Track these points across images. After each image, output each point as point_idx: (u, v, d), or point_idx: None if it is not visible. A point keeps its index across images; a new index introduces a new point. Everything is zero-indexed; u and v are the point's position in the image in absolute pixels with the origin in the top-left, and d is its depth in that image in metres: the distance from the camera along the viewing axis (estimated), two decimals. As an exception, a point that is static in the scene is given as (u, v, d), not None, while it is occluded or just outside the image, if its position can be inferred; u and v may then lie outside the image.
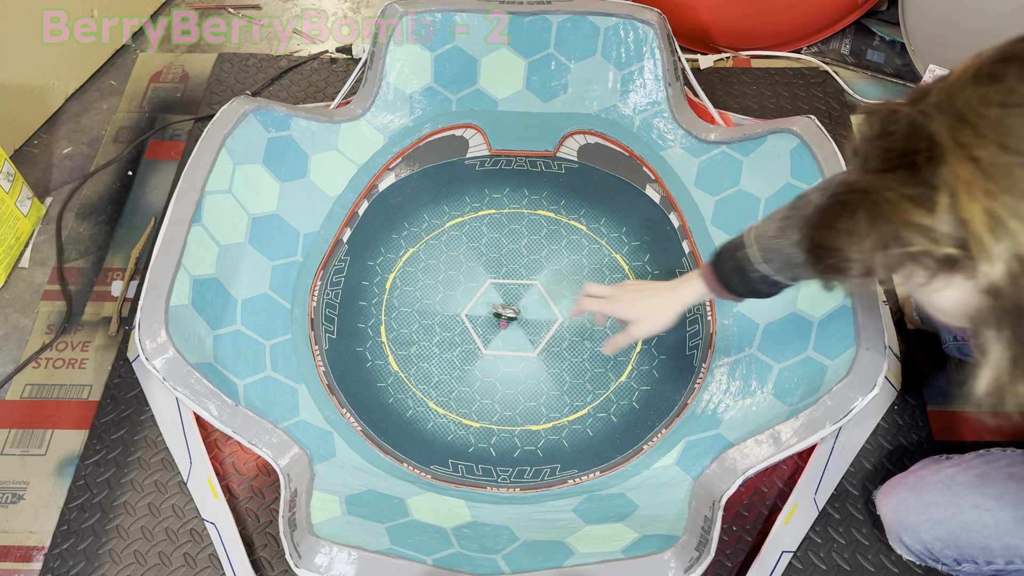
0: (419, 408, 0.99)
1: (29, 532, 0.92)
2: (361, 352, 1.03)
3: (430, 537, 0.82)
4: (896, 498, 0.82)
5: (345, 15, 1.45)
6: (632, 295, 0.89)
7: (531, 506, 0.90)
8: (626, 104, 1.20)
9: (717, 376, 0.98)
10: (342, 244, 1.11)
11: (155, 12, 1.45)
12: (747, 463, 0.85)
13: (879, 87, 1.31)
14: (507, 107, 1.22)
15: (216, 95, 1.32)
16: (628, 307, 0.88)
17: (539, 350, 1.03)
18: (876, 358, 0.85)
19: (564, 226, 1.13)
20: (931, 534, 0.78)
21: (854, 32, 1.39)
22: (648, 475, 0.92)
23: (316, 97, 1.31)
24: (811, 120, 1.04)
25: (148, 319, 0.89)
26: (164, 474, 0.95)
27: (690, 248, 1.09)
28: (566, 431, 0.98)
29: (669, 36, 1.17)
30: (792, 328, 0.97)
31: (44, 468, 0.96)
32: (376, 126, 1.19)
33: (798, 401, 0.90)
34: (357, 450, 0.94)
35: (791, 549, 0.88)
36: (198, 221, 0.97)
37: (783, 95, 1.29)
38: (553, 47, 1.19)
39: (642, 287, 0.90)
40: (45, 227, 1.18)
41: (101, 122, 1.30)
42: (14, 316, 1.09)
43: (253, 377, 0.96)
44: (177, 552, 0.90)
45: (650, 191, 1.15)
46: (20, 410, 1.01)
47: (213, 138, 1.03)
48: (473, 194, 1.16)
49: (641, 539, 0.80)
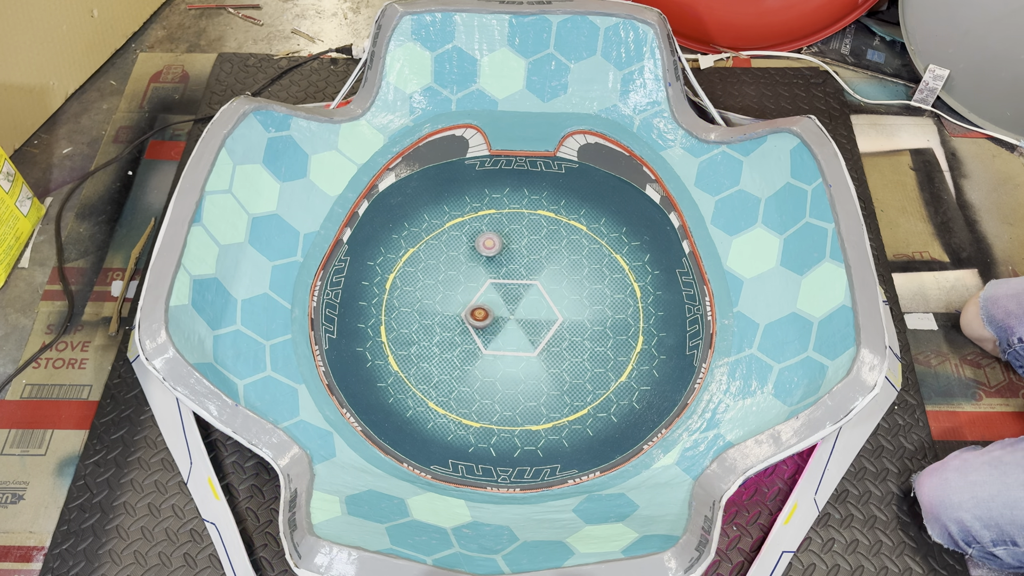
0: (419, 408, 0.99)
1: (29, 532, 0.92)
2: (361, 352, 1.03)
3: (430, 537, 0.82)
4: (938, 479, 0.83)
5: (345, 15, 1.45)
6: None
7: (531, 506, 0.90)
8: (626, 104, 1.20)
9: (717, 376, 0.98)
10: (342, 244, 1.11)
11: (155, 12, 1.45)
12: (747, 463, 0.85)
13: (879, 87, 1.31)
14: (507, 107, 1.22)
15: (216, 95, 1.32)
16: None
17: (539, 350, 1.03)
18: (876, 358, 0.85)
19: (564, 226, 1.13)
20: (972, 513, 0.79)
21: (854, 32, 1.39)
22: (648, 475, 0.92)
23: (316, 97, 1.31)
24: (811, 120, 1.04)
25: (148, 319, 0.89)
26: (164, 474, 0.95)
27: (690, 248, 1.09)
28: (566, 431, 0.98)
29: (669, 36, 1.17)
30: (792, 328, 0.97)
31: (44, 468, 0.96)
32: (376, 126, 1.19)
33: (798, 401, 0.90)
34: (357, 450, 0.94)
35: (791, 549, 0.88)
36: (198, 221, 0.97)
37: (783, 95, 1.29)
38: (553, 47, 1.19)
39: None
40: (45, 227, 1.18)
41: (101, 122, 1.30)
42: (14, 316, 1.09)
43: (253, 377, 0.96)
44: (177, 552, 0.90)
45: (650, 191, 1.15)
46: (20, 410, 1.01)
47: (213, 138, 1.03)
48: (473, 194, 1.16)
49: (641, 539, 0.80)
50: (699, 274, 1.07)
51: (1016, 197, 1.18)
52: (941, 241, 1.14)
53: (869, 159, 1.22)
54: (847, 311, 0.91)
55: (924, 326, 1.06)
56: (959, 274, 1.11)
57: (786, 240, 1.03)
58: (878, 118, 1.27)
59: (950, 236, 1.14)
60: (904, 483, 0.93)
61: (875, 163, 1.22)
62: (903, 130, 1.26)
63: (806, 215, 1.01)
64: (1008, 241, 1.14)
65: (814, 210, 1.00)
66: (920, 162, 1.22)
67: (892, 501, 0.92)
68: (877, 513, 0.92)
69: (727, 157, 1.12)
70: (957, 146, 1.24)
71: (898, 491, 0.93)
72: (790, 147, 1.04)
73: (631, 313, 1.06)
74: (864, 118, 1.27)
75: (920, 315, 1.07)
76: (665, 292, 1.06)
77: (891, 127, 1.26)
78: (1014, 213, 1.16)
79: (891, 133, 1.25)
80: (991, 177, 1.20)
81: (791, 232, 1.02)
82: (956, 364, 1.03)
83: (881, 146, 1.24)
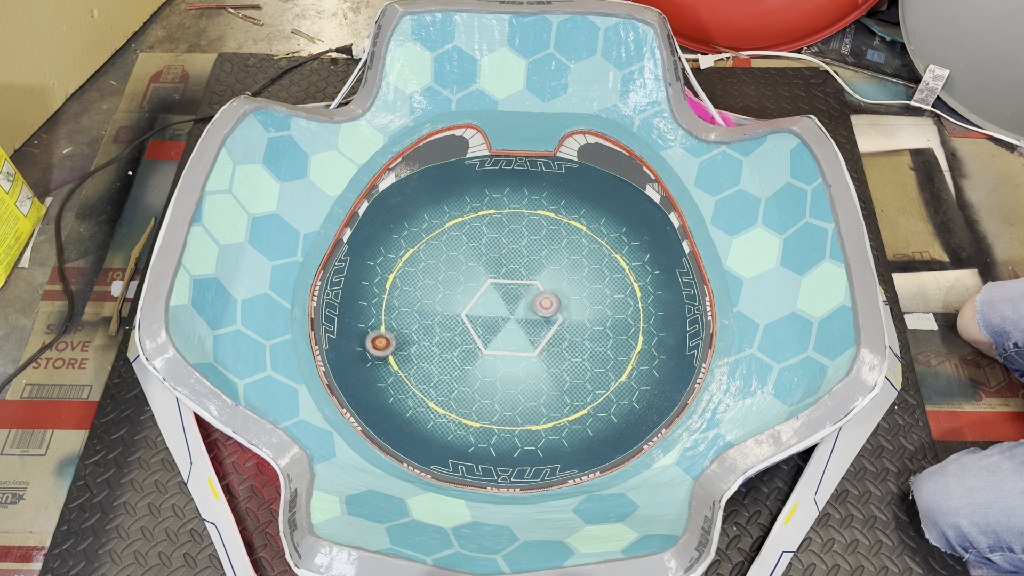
0: (419, 408, 0.99)
1: (29, 532, 0.92)
2: (361, 352, 1.03)
3: (430, 537, 0.82)
4: (936, 483, 0.83)
5: (345, 15, 1.45)
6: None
7: (531, 506, 0.90)
8: (626, 104, 1.20)
9: (717, 376, 0.98)
10: (342, 244, 1.11)
11: (155, 12, 1.45)
12: (747, 463, 0.85)
13: (879, 87, 1.31)
14: (507, 107, 1.22)
15: (216, 95, 1.32)
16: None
17: (539, 350, 1.03)
18: (876, 358, 0.85)
19: (564, 226, 1.13)
20: (969, 519, 0.80)
21: (854, 32, 1.39)
22: (648, 475, 0.92)
23: (316, 97, 1.31)
24: (811, 120, 1.04)
25: (148, 319, 0.89)
26: (164, 474, 0.95)
27: (690, 248, 1.09)
28: (566, 431, 0.98)
29: (669, 36, 1.17)
30: (792, 328, 0.97)
31: (44, 468, 0.96)
32: (376, 126, 1.19)
33: (798, 401, 0.90)
34: (357, 450, 0.94)
35: (791, 549, 0.88)
36: (198, 221, 0.97)
37: (783, 95, 1.29)
38: (553, 47, 1.19)
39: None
40: (45, 227, 1.18)
41: (101, 122, 1.30)
42: (14, 316, 1.09)
43: (253, 377, 0.96)
44: (177, 552, 0.90)
45: (650, 191, 1.15)
46: (20, 410, 1.01)
47: (213, 138, 1.03)
48: (473, 194, 1.16)
49: (641, 539, 0.80)
50: (699, 274, 1.07)
51: (1016, 197, 1.18)
52: (941, 241, 1.14)
53: (869, 159, 1.22)
54: (847, 311, 0.91)
55: (924, 326, 1.06)
56: (959, 274, 1.11)
57: (786, 240, 1.03)
58: (878, 118, 1.27)
59: (950, 236, 1.14)
60: (904, 483, 0.93)
61: (875, 163, 1.22)
62: (903, 130, 1.26)
63: (806, 215, 1.01)
64: (1008, 241, 1.14)
65: (814, 210, 1.00)
66: (920, 162, 1.22)
67: (892, 501, 0.92)
68: (877, 513, 0.92)
69: (727, 157, 1.12)
70: (957, 146, 1.24)
71: (898, 491, 0.93)
72: (790, 147, 1.04)
73: (631, 313, 1.06)
74: (864, 118, 1.27)
75: (920, 315, 1.07)
76: (665, 292, 1.06)
77: (891, 127, 1.26)
78: (1014, 213, 1.16)
79: (891, 133, 1.25)
80: (991, 177, 1.20)
81: (791, 232, 1.02)
82: (956, 364, 1.03)
83: (881, 146, 1.24)
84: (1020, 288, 0.95)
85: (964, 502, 0.80)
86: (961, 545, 0.82)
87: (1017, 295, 0.94)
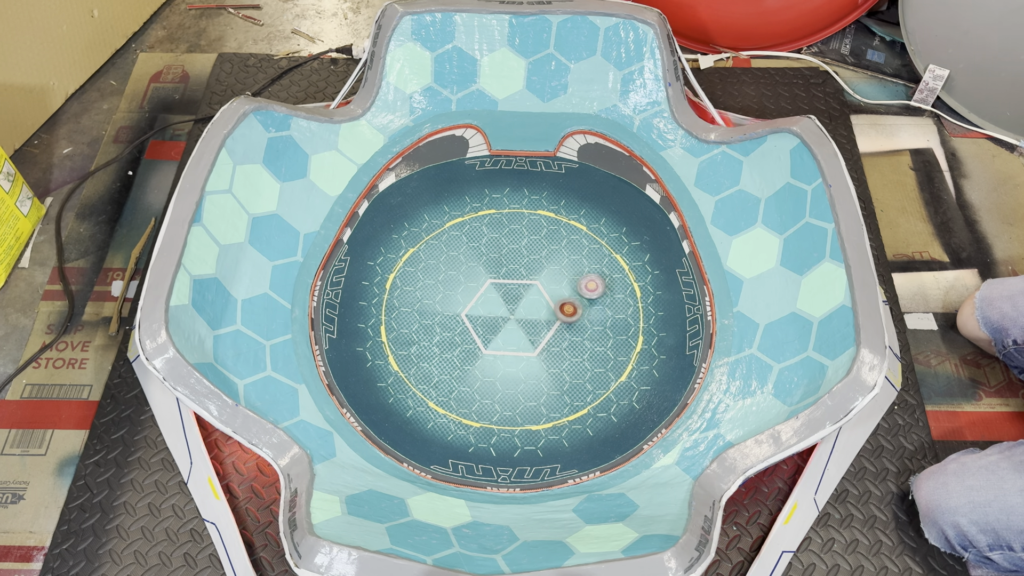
0: (419, 408, 1.00)
1: (29, 532, 0.92)
2: (361, 352, 1.03)
3: (430, 537, 0.82)
4: (936, 482, 0.84)
5: (345, 15, 1.45)
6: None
7: (531, 506, 0.90)
8: (626, 104, 1.20)
9: (717, 376, 0.98)
10: (342, 244, 1.11)
11: (155, 12, 1.45)
12: (747, 463, 0.85)
13: (879, 87, 1.31)
14: (507, 107, 1.22)
15: (216, 95, 1.32)
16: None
17: (539, 350, 1.03)
18: (876, 358, 0.85)
19: (564, 226, 1.13)
20: (969, 518, 0.80)
21: (854, 32, 1.39)
22: (648, 475, 0.92)
23: (316, 97, 1.31)
24: (811, 120, 1.04)
25: (148, 319, 0.89)
26: (164, 474, 0.95)
27: (690, 248, 1.09)
28: (566, 431, 0.98)
29: (669, 36, 1.17)
30: (792, 328, 0.97)
31: (44, 468, 0.96)
32: (376, 126, 1.19)
33: (798, 401, 0.90)
34: (357, 450, 0.94)
35: (791, 549, 0.88)
36: (198, 221, 0.98)
37: (783, 95, 1.30)
38: (553, 47, 1.19)
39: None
40: (45, 227, 1.18)
41: (101, 122, 1.30)
42: (14, 316, 1.09)
43: (253, 377, 0.96)
44: (177, 552, 0.90)
45: (650, 191, 1.15)
46: (20, 410, 1.01)
47: (213, 138, 1.03)
48: (473, 194, 1.16)
49: (641, 539, 0.80)
50: (699, 274, 1.07)
51: (1016, 197, 1.18)
52: (941, 241, 1.14)
53: (869, 159, 1.22)
54: (847, 311, 0.91)
55: (924, 326, 1.06)
56: (959, 274, 1.11)
57: (786, 240, 1.03)
58: (878, 118, 1.27)
59: (950, 236, 1.14)
60: (904, 483, 0.93)
61: (875, 163, 1.22)
62: (903, 130, 1.26)
63: (806, 215, 1.01)
64: (1008, 241, 1.14)
65: (814, 210, 1.00)
66: (920, 162, 1.22)
67: (892, 501, 0.92)
68: (877, 513, 0.92)
69: (727, 157, 1.12)
70: (957, 146, 1.24)
71: (898, 491, 0.93)
72: (790, 147, 1.04)
73: (631, 313, 1.06)
74: (864, 118, 1.27)
75: (920, 315, 1.07)
76: (665, 292, 1.06)
77: (891, 127, 1.26)
78: (1014, 213, 1.16)
79: (891, 133, 1.25)
80: (991, 177, 1.20)
81: (791, 232, 1.03)
82: (956, 364, 1.03)
83: (881, 146, 1.24)
84: (1019, 285, 0.95)
85: (963, 501, 0.80)
86: (961, 544, 0.82)
87: (1016, 292, 0.94)
